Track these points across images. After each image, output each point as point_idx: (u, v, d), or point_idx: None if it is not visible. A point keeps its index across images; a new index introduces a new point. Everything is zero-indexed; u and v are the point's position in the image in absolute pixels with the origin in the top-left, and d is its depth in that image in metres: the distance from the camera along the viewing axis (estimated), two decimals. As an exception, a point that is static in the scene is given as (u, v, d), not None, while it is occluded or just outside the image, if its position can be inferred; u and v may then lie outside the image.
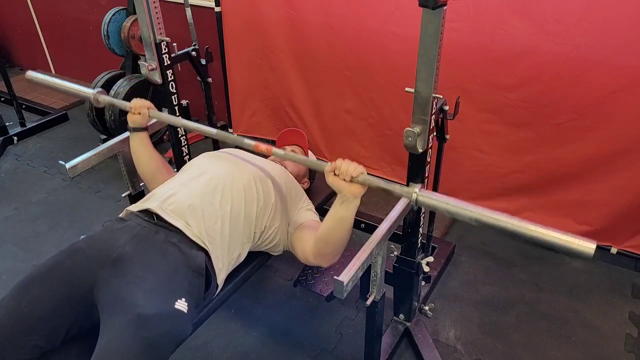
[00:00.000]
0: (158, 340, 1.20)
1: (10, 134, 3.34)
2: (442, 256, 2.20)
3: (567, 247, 1.06)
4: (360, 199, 1.33)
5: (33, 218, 2.64)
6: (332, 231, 1.40)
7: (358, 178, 1.28)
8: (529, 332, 1.93)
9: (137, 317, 1.19)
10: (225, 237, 1.47)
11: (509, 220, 1.12)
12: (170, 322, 1.25)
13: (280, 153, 1.44)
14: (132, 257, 1.32)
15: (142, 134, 1.72)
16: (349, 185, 1.29)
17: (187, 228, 1.41)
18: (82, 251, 1.35)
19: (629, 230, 2.12)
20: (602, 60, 1.86)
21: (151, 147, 1.75)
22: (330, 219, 1.38)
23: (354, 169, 1.28)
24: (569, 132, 2.05)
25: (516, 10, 1.94)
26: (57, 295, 1.27)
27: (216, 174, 1.56)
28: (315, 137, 2.82)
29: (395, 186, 1.27)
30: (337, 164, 1.30)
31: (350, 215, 1.34)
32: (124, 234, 1.38)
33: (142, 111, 1.67)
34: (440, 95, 1.38)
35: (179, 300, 1.28)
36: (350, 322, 1.99)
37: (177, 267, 1.34)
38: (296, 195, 1.69)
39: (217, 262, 1.44)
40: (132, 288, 1.25)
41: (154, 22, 1.98)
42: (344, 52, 2.46)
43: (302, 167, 1.89)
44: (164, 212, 1.43)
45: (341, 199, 1.33)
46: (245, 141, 1.48)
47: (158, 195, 1.50)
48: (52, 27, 4.04)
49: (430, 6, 1.17)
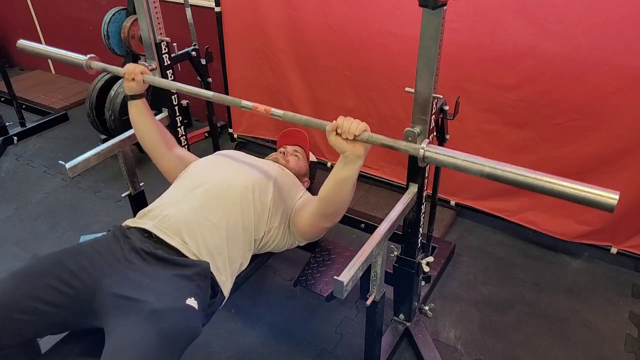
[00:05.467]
0: (172, 332, 1.19)
1: (10, 134, 3.34)
2: (442, 256, 2.20)
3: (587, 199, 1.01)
4: (364, 158, 1.30)
5: (33, 218, 2.64)
6: (334, 192, 1.38)
7: (362, 136, 1.24)
8: (529, 332, 1.93)
9: (151, 312, 1.18)
10: (224, 250, 1.46)
11: (522, 173, 1.07)
12: (183, 316, 1.24)
13: (279, 113, 1.39)
14: (136, 268, 1.33)
15: (139, 101, 1.70)
16: (352, 145, 1.26)
17: (183, 246, 1.40)
18: (87, 256, 1.34)
19: (629, 230, 2.12)
20: (602, 60, 1.86)
21: (150, 116, 1.73)
22: (332, 180, 1.36)
23: (356, 126, 1.24)
24: (569, 132, 2.05)
25: (516, 10, 1.94)
26: (55, 293, 1.26)
27: (212, 186, 1.54)
28: (315, 137, 2.82)
29: (400, 143, 1.24)
30: (338, 122, 1.27)
31: (352, 175, 1.32)
32: (127, 248, 1.38)
33: (136, 77, 1.64)
34: (440, 95, 1.38)
35: (189, 299, 1.28)
36: (350, 322, 1.99)
37: (182, 275, 1.34)
38: (295, 191, 1.69)
39: (219, 275, 1.44)
40: (141, 291, 1.25)
41: (154, 22, 1.98)
42: (344, 52, 2.46)
43: (302, 167, 1.89)
44: (160, 232, 1.42)
45: (344, 159, 1.30)
46: (242, 103, 1.46)
47: (154, 213, 1.49)
48: (52, 27, 4.04)
49: (430, 6, 1.17)
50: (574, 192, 1.02)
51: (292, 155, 1.88)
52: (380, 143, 1.23)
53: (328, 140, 1.29)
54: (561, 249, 2.31)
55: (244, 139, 3.18)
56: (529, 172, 1.08)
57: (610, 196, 0.99)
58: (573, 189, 1.02)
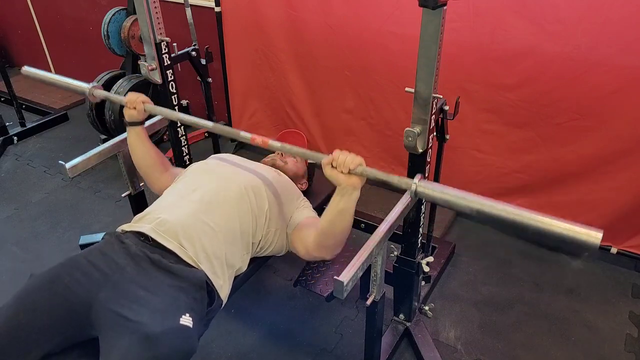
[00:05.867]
0: (167, 358, 1.20)
1: (10, 134, 3.34)
2: (442, 256, 2.20)
3: (572, 238, 1.03)
4: (360, 190, 1.30)
5: (33, 218, 2.64)
6: (333, 223, 1.39)
7: (356, 170, 1.25)
8: (529, 332, 1.93)
9: (144, 337, 1.18)
10: (221, 254, 1.45)
11: (510, 210, 1.08)
12: (177, 338, 1.23)
13: (277, 145, 1.40)
14: (132, 278, 1.32)
15: (138, 128, 1.71)
16: (347, 178, 1.26)
17: (181, 250, 1.40)
18: (81, 268, 1.33)
19: (629, 230, 2.12)
20: (602, 60, 1.86)
21: (148, 142, 1.74)
22: (330, 212, 1.37)
23: (351, 160, 1.24)
24: (569, 132, 2.05)
25: (516, 10, 1.94)
26: (54, 309, 1.26)
27: (208, 190, 1.54)
28: (315, 137, 2.82)
29: (394, 177, 1.24)
30: (334, 155, 1.27)
31: (350, 207, 1.32)
32: (122, 254, 1.37)
33: (137, 106, 1.65)
34: (440, 95, 1.38)
35: (183, 316, 1.26)
36: (350, 322, 1.99)
37: (179, 285, 1.33)
38: (292, 197, 1.69)
39: (216, 280, 1.43)
40: (135, 308, 1.24)
41: (154, 22, 1.98)
42: (344, 52, 2.46)
43: (300, 168, 1.89)
44: (157, 235, 1.41)
45: (340, 191, 1.30)
46: (241, 134, 1.46)
47: (151, 217, 1.48)
48: (52, 27, 4.03)
49: (430, 6, 1.17)
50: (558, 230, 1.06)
51: (290, 157, 1.88)
52: (374, 177, 1.24)
53: (324, 173, 1.30)
54: (561, 249, 2.31)
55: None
56: (516, 209, 1.08)
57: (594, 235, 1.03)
58: (558, 227, 1.06)
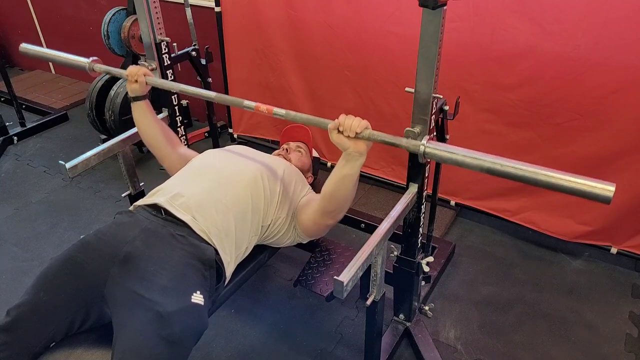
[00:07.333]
0: (180, 336, 1.22)
1: (10, 134, 3.34)
2: (442, 256, 2.20)
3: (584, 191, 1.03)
4: (365, 155, 1.31)
5: (33, 218, 2.64)
6: (337, 189, 1.39)
7: (363, 133, 1.25)
8: (529, 332, 1.93)
9: (157, 316, 1.19)
10: (232, 231, 1.47)
11: (521, 167, 1.08)
12: (189, 316, 1.26)
13: (282, 112, 1.40)
14: (142, 252, 1.33)
15: (142, 103, 1.72)
16: (354, 142, 1.27)
17: (193, 222, 1.42)
18: (92, 245, 1.36)
19: (629, 230, 2.12)
20: (602, 60, 1.86)
21: (153, 117, 1.75)
22: (334, 177, 1.37)
23: (357, 124, 1.26)
24: (569, 132, 2.05)
25: (516, 10, 1.94)
26: (70, 287, 1.29)
27: (223, 169, 1.57)
28: (316, 137, 2.81)
29: (401, 140, 1.25)
30: (340, 120, 1.28)
31: (354, 173, 1.33)
32: (133, 228, 1.39)
33: (139, 78, 1.66)
34: (440, 95, 1.38)
35: (194, 294, 1.29)
36: (350, 322, 1.99)
37: (188, 261, 1.34)
38: (301, 185, 1.71)
39: (224, 256, 1.45)
40: (147, 285, 1.26)
41: (154, 22, 1.98)
42: (344, 52, 2.46)
43: (305, 162, 1.90)
44: (171, 207, 1.44)
45: (346, 156, 1.31)
46: (245, 103, 1.47)
47: (166, 190, 1.51)
48: (52, 27, 4.04)
49: (430, 6, 1.17)
50: (570, 184, 1.04)
51: (296, 152, 1.89)
52: (382, 140, 1.24)
53: (330, 138, 1.30)
54: (561, 249, 2.31)
55: (243, 139, 3.18)
56: (527, 166, 1.09)
57: (607, 188, 1.01)
58: (569, 182, 1.04)
